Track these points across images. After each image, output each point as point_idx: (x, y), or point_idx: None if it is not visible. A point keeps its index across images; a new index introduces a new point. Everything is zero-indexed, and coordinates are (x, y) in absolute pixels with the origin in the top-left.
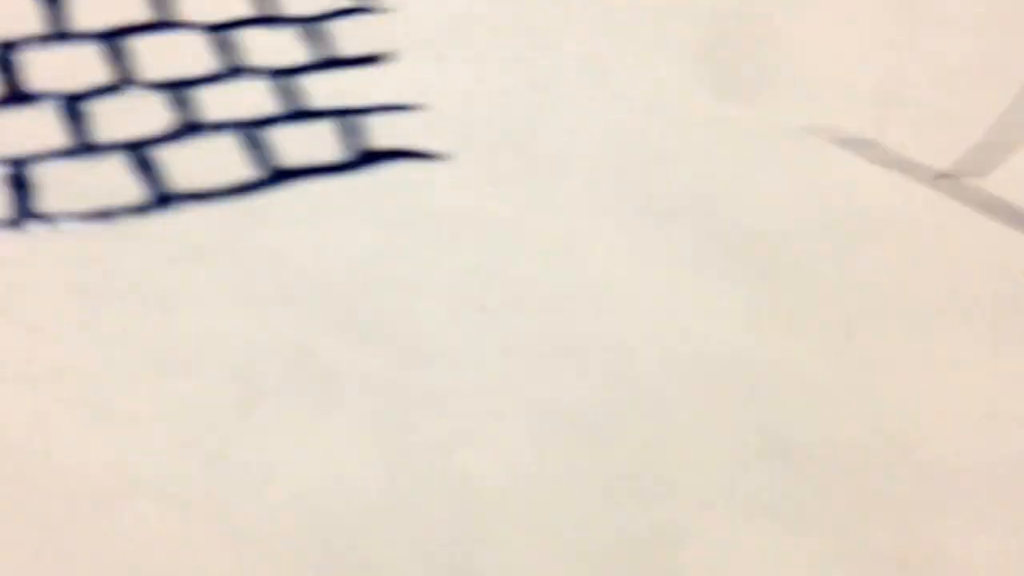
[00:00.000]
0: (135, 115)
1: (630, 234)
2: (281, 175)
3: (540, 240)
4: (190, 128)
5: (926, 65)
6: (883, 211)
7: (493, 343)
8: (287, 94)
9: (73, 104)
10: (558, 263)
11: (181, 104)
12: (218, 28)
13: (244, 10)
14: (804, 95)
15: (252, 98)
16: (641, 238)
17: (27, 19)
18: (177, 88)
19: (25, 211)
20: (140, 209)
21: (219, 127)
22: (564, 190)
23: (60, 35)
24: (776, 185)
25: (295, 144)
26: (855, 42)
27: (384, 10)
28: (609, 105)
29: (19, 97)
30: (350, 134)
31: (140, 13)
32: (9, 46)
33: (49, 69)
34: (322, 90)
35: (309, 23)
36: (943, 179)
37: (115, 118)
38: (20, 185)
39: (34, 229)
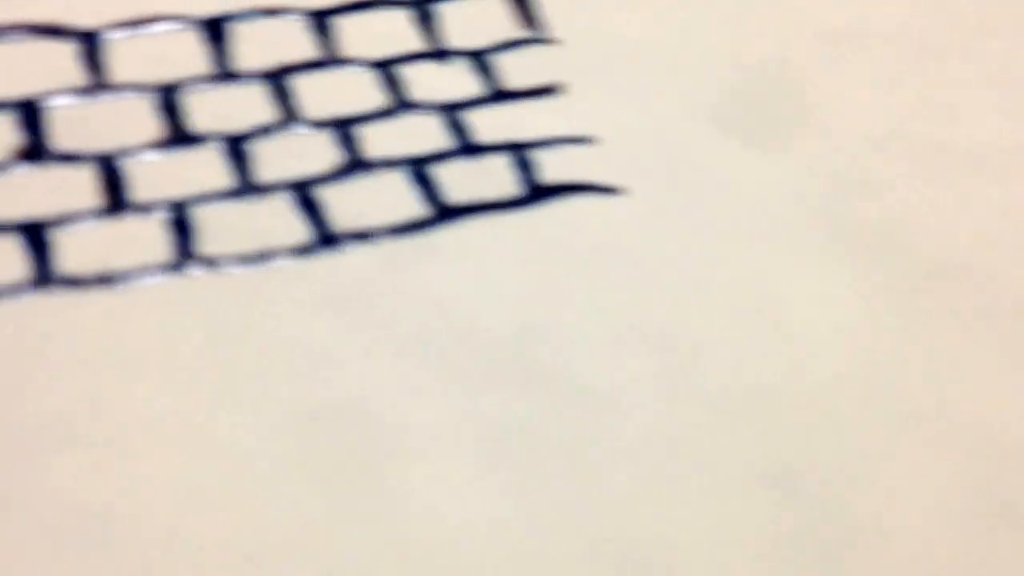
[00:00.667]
0: (300, 155)
1: (820, 269)
2: (449, 212)
3: (721, 279)
4: (356, 166)
5: None
6: None
7: (672, 392)
8: (455, 129)
9: (237, 145)
10: (743, 303)
11: (347, 142)
12: (383, 64)
13: (410, 44)
14: None
15: (420, 134)
16: (834, 274)
17: (190, 61)
18: (342, 126)
19: (186, 254)
20: (303, 250)
21: (386, 164)
22: (746, 226)
23: (224, 75)
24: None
25: (464, 180)
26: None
27: (551, 41)
28: (801, 134)
29: (183, 139)
30: (520, 169)
31: (304, 51)
32: (172, 88)
33: (212, 110)
34: (491, 124)
35: (476, 56)
36: None
37: (279, 158)
38: (182, 228)
39: (195, 272)
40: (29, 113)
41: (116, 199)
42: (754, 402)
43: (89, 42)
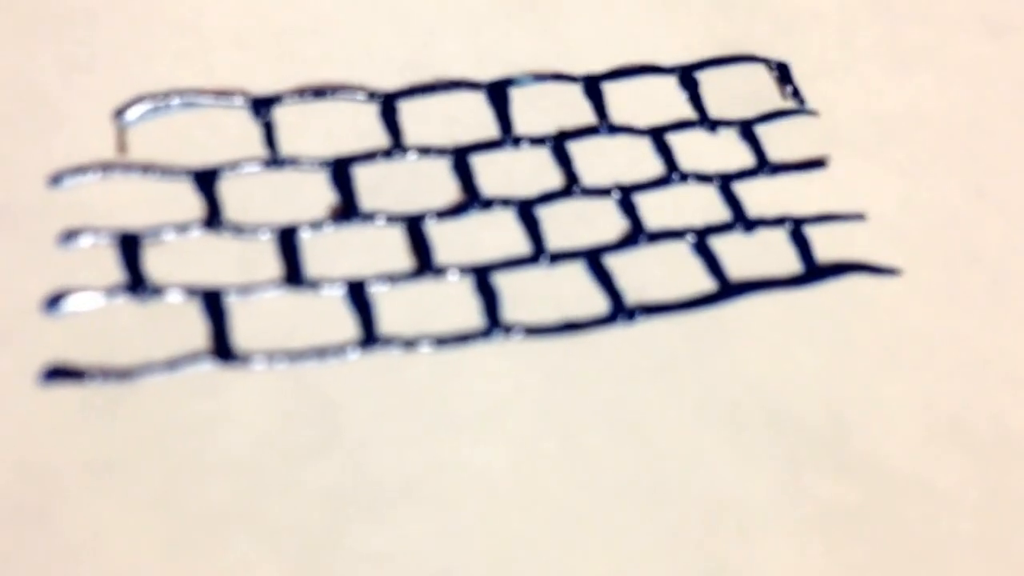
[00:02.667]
0: (586, 221)
1: None
2: (734, 288)
3: (1009, 364)
4: (638, 234)
5: None
6: None
7: (991, 485)
8: (728, 200)
9: (527, 209)
10: None
11: (628, 210)
12: (656, 131)
13: (678, 112)
14: None
15: (693, 204)
16: None
17: (478, 124)
18: (625, 193)
19: (493, 319)
20: (602, 320)
21: (665, 235)
22: None
23: (509, 139)
24: None
25: (742, 254)
26: None
27: (815, 112)
28: None
29: (475, 202)
30: (796, 245)
31: (581, 117)
32: (462, 151)
33: (497, 173)
34: (761, 196)
35: (744, 126)
36: None
37: (565, 225)
38: (487, 292)
39: (501, 337)
40: (341, 173)
41: (421, 260)
42: None
43: (387, 104)
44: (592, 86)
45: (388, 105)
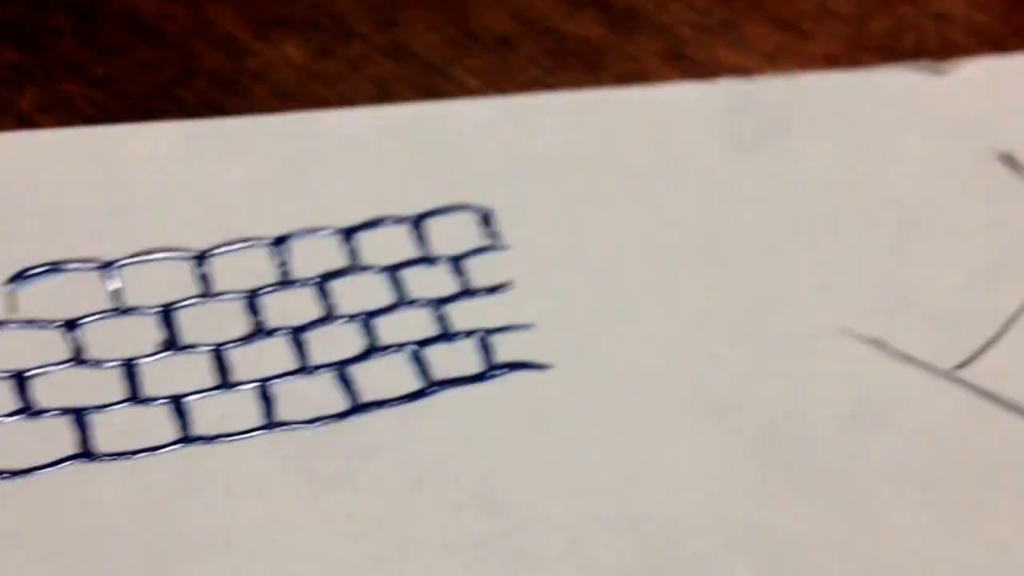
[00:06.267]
0: (336, 342)
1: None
2: (434, 385)
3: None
4: (372, 350)
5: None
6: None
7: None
8: (439, 319)
9: (298, 335)
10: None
11: (367, 331)
12: (391, 268)
13: (406, 252)
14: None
15: (416, 324)
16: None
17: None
18: (367, 317)
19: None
20: (341, 415)
21: (392, 347)
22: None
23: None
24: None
25: (445, 360)
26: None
27: (505, 247)
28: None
29: (261, 332)
30: (483, 352)
31: (338, 262)
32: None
33: (281, 310)
34: (462, 316)
35: (454, 260)
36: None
37: (323, 345)
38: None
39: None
40: (167, 317)
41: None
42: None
43: (200, 260)
44: (347, 235)
45: (201, 261)
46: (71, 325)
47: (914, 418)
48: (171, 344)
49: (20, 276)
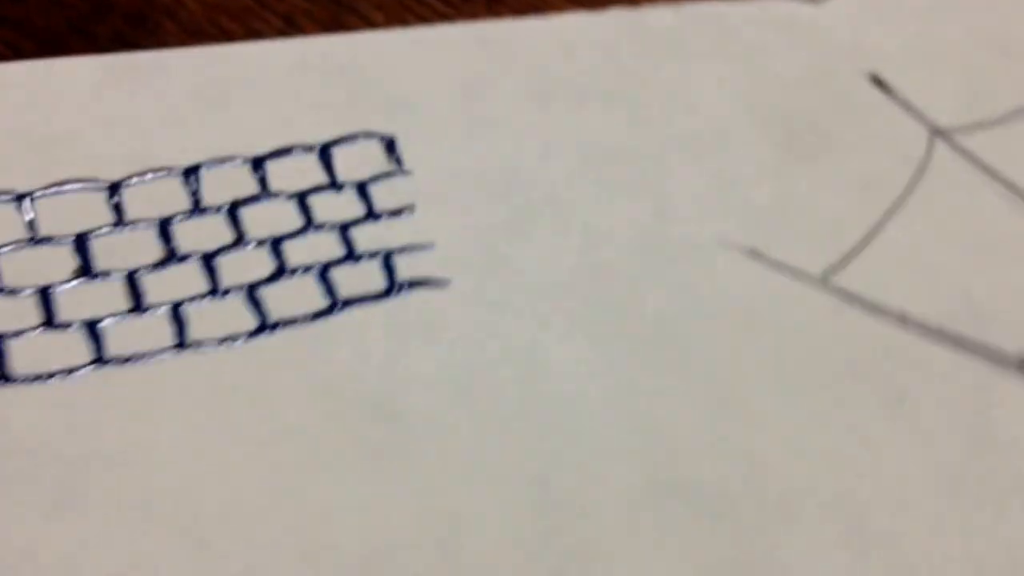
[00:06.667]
0: (247, 267)
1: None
2: (340, 304)
3: (511, 348)
4: (281, 273)
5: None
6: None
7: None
8: (345, 242)
9: (209, 260)
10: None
11: (276, 254)
12: (301, 195)
13: (315, 178)
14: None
15: (323, 247)
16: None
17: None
18: (276, 243)
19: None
20: (252, 334)
21: (302, 269)
22: (537, 307)
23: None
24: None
25: (351, 280)
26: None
27: (407, 172)
28: (574, 238)
29: (174, 257)
30: (386, 271)
31: (246, 187)
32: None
33: (192, 236)
34: (367, 238)
35: (359, 186)
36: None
37: (236, 271)
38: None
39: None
40: (81, 245)
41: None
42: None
43: (112, 190)
44: (256, 164)
45: (114, 191)
46: None
47: (786, 321)
48: (85, 271)
49: None
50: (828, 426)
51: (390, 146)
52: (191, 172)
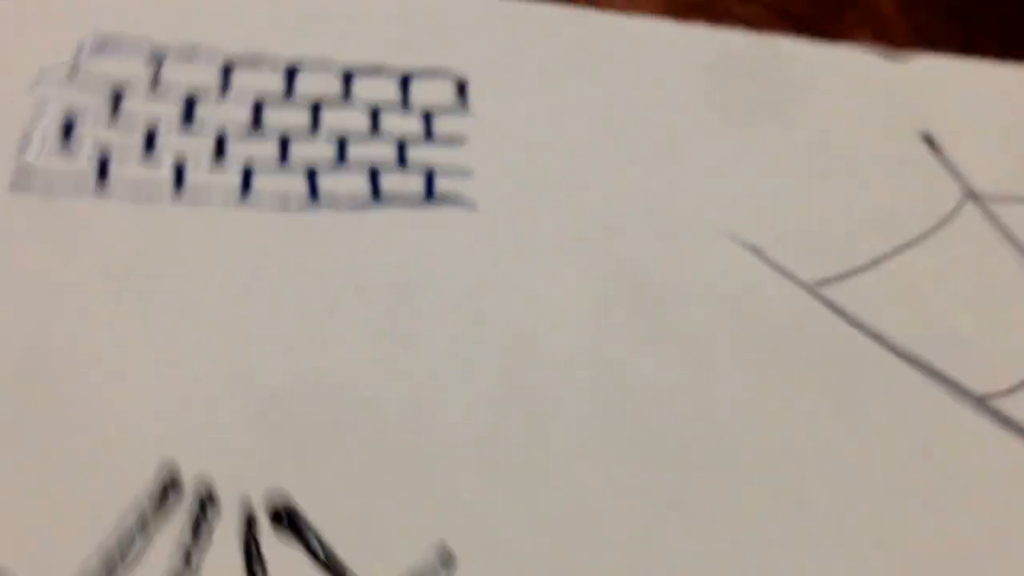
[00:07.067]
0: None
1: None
2: (381, 200)
3: (518, 276)
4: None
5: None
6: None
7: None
8: (399, 152)
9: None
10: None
11: (340, 150)
12: (374, 108)
13: (388, 96)
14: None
15: (380, 153)
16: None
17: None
18: (340, 142)
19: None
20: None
21: (354, 165)
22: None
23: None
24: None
25: (396, 184)
26: None
27: (470, 112)
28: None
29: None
30: (427, 185)
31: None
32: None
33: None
34: (419, 155)
35: (425, 114)
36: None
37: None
38: None
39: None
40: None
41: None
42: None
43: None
44: (347, 77)
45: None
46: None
47: (767, 312)
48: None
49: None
50: (786, 408)
51: (461, 87)
52: (293, 72)
